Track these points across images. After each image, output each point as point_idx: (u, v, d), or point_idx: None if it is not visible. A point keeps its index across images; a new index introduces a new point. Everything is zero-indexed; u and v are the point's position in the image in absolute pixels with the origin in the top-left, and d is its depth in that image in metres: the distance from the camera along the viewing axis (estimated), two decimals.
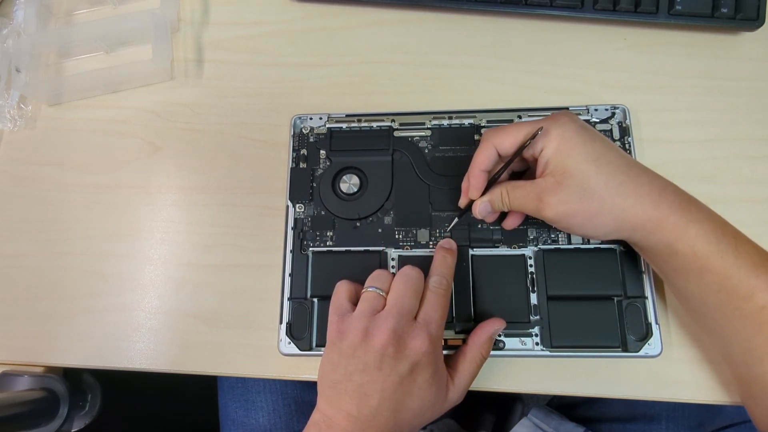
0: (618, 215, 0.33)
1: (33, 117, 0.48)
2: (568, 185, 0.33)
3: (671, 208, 0.32)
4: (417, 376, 0.32)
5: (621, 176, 0.33)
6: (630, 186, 0.32)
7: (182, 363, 0.41)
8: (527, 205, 0.35)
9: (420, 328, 0.33)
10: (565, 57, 0.46)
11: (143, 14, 0.47)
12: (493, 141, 0.35)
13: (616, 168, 0.33)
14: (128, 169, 0.46)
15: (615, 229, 0.33)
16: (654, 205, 0.32)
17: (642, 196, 0.32)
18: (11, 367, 0.43)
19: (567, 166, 0.33)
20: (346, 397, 0.32)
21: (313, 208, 0.42)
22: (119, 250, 0.44)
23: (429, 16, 0.48)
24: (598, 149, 0.33)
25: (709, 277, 0.32)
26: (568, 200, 0.33)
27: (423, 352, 0.32)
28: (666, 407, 0.50)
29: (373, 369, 0.32)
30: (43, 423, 0.42)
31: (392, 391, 0.32)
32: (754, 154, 0.42)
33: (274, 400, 0.52)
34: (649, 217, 0.32)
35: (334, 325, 0.34)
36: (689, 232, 0.32)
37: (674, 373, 0.38)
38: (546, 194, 0.33)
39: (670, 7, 0.43)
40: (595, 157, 0.33)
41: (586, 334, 0.37)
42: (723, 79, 0.44)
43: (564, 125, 0.33)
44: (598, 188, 0.32)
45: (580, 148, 0.33)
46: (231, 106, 0.47)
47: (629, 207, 0.32)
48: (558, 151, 0.33)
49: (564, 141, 0.33)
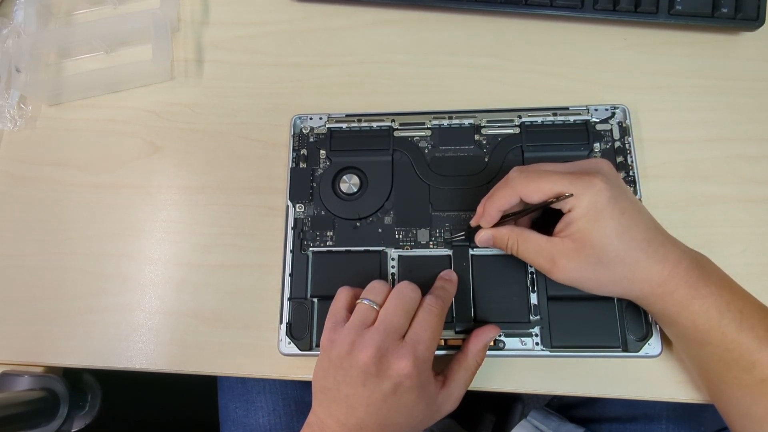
0: (626, 287, 0.33)
1: (33, 117, 0.48)
2: (586, 255, 0.32)
3: (678, 283, 0.32)
4: (401, 397, 0.32)
5: (640, 253, 0.32)
6: (645, 263, 0.32)
7: (182, 363, 0.41)
8: (537, 262, 0.34)
9: (406, 348, 0.32)
10: (565, 57, 0.46)
11: (143, 14, 0.47)
12: (520, 191, 0.33)
13: (638, 244, 0.32)
14: (128, 169, 0.46)
15: (621, 295, 0.35)
16: (662, 280, 0.32)
17: (653, 273, 0.32)
18: (11, 367, 0.43)
19: (591, 235, 0.32)
20: (335, 404, 0.33)
21: (313, 208, 0.42)
22: (119, 250, 0.44)
23: (429, 16, 0.48)
24: (625, 223, 0.32)
25: (709, 349, 0.32)
26: (583, 269, 0.33)
27: (405, 374, 0.31)
28: (666, 407, 0.50)
29: (358, 384, 0.32)
30: (43, 423, 0.42)
31: (377, 407, 0.32)
32: (754, 154, 0.42)
33: (274, 401, 0.52)
34: (653, 291, 0.33)
35: (327, 332, 0.34)
36: (692, 307, 0.32)
37: (674, 373, 0.38)
38: (560, 257, 0.33)
39: (670, 7, 0.43)
40: (621, 231, 0.32)
41: (586, 334, 0.37)
42: (723, 79, 0.44)
43: (599, 194, 0.32)
44: (615, 262, 0.32)
45: (608, 222, 0.32)
46: (231, 106, 0.47)
47: (638, 281, 0.33)
48: (586, 218, 0.32)
49: (594, 210, 0.32)
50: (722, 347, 0.32)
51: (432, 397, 0.34)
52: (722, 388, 0.33)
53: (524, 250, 0.35)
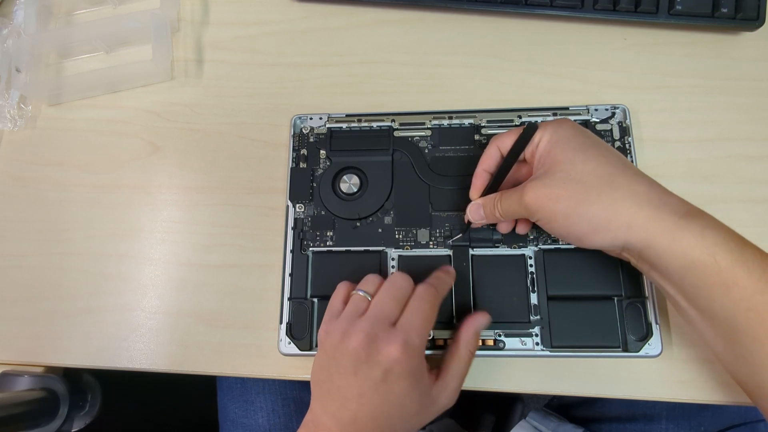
0: (608, 206, 0.30)
1: (33, 117, 0.48)
2: (554, 171, 0.32)
3: (676, 210, 0.29)
4: (393, 385, 0.31)
5: (611, 168, 0.31)
6: (622, 179, 0.30)
7: (182, 363, 0.41)
8: (513, 202, 0.34)
9: (396, 334, 0.31)
10: (565, 57, 0.46)
11: (143, 14, 0.47)
12: (497, 142, 0.36)
13: (607, 161, 0.31)
14: (128, 169, 0.46)
15: (604, 223, 0.30)
16: (654, 206, 0.29)
17: (638, 193, 0.29)
18: (11, 367, 0.43)
19: (555, 154, 0.32)
20: (329, 398, 0.32)
21: (313, 208, 0.42)
22: (119, 250, 0.44)
23: (429, 16, 0.48)
24: (588, 142, 0.32)
25: (736, 292, 0.27)
26: (551, 184, 0.31)
27: (395, 359, 0.31)
28: (666, 407, 0.50)
29: (349, 373, 0.31)
30: (43, 423, 0.42)
31: (369, 397, 0.31)
32: (754, 154, 0.42)
33: (274, 401, 0.52)
34: (648, 215, 0.29)
35: (323, 325, 0.34)
36: (705, 239, 0.28)
37: (674, 373, 0.38)
38: (531, 181, 0.33)
39: (670, 7, 0.43)
40: (585, 147, 0.32)
41: (586, 334, 0.37)
42: (723, 79, 0.44)
43: (561, 124, 0.34)
44: (584, 174, 0.30)
45: (571, 140, 0.32)
46: (231, 106, 0.47)
47: (620, 199, 0.29)
48: (551, 142, 0.33)
49: (556, 134, 0.33)
50: (752, 288, 0.27)
51: (426, 389, 0.33)
52: (754, 349, 0.28)
53: (505, 200, 0.34)
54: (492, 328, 0.38)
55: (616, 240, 0.31)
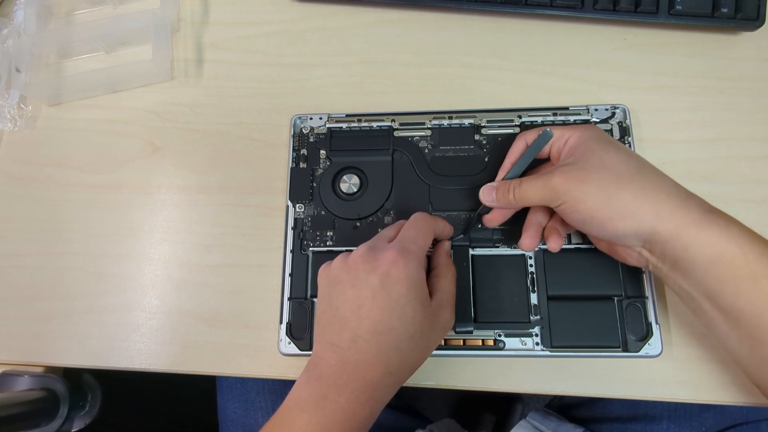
0: (638, 192, 0.30)
1: (33, 117, 0.48)
2: (587, 158, 0.32)
3: (701, 204, 0.29)
4: (390, 289, 0.30)
5: (640, 162, 0.32)
6: (650, 172, 0.31)
7: (182, 363, 0.41)
8: (537, 184, 0.33)
9: (392, 244, 0.33)
10: (565, 57, 0.46)
11: (143, 14, 0.47)
12: (524, 136, 0.37)
13: (636, 157, 0.33)
14: (128, 169, 0.46)
15: (633, 208, 0.30)
16: (681, 197, 0.30)
17: (666, 185, 0.30)
18: (11, 367, 0.43)
19: (587, 145, 0.33)
20: (329, 329, 0.32)
21: (313, 208, 0.42)
22: (119, 250, 0.44)
23: (429, 16, 0.48)
24: (617, 143, 0.34)
25: (765, 284, 0.27)
26: (583, 167, 0.32)
27: (391, 261, 0.31)
28: (667, 407, 0.50)
29: (348, 288, 0.31)
30: (43, 423, 0.42)
31: (368, 308, 0.30)
32: (754, 154, 0.42)
33: (273, 401, 0.52)
34: (677, 205, 0.29)
35: (321, 270, 0.35)
36: (731, 231, 0.28)
37: (675, 373, 0.38)
38: (562, 166, 0.33)
39: (670, 7, 0.43)
40: (615, 145, 0.33)
41: (586, 334, 0.37)
42: (723, 79, 0.44)
43: (590, 125, 0.35)
44: (616, 162, 0.31)
45: (602, 137, 0.34)
46: (231, 106, 0.47)
47: (650, 188, 0.30)
48: (582, 137, 0.34)
49: (587, 131, 0.34)
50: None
51: (425, 299, 0.32)
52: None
53: (526, 183, 0.34)
54: (492, 328, 0.38)
55: (641, 227, 0.30)
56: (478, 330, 0.38)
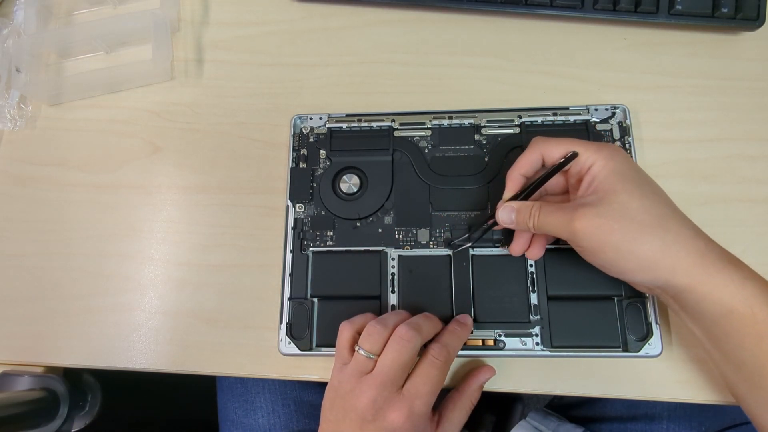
0: (658, 248, 0.30)
1: (33, 117, 0.48)
2: (609, 201, 0.31)
3: (720, 259, 0.29)
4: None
5: (664, 209, 0.31)
6: (673, 223, 0.30)
7: (182, 363, 0.41)
8: (558, 220, 0.32)
9: (402, 401, 0.32)
10: (565, 57, 0.46)
11: (143, 14, 0.47)
12: (542, 148, 0.35)
13: (660, 200, 0.32)
14: (128, 169, 0.46)
15: (652, 263, 0.30)
16: (700, 253, 0.30)
17: (687, 238, 0.30)
18: (11, 367, 0.43)
19: (614, 183, 0.31)
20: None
21: (313, 208, 0.42)
22: (119, 250, 0.44)
23: (429, 16, 0.48)
24: (644, 178, 0.32)
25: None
26: (606, 214, 0.31)
27: (399, 426, 0.31)
28: (667, 407, 0.50)
29: (355, 426, 0.32)
30: (43, 423, 0.42)
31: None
32: (754, 154, 0.42)
33: (273, 401, 0.52)
34: (694, 262, 0.30)
35: (334, 371, 0.35)
36: (745, 289, 0.29)
37: (674, 373, 0.38)
38: (583, 207, 0.31)
39: (670, 7, 0.43)
40: (641, 182, 0.32)
41: (586, 334, 0.37)
42: (723, 79, 0.44)
43: (616, 151, 0.33)
44: (640, 211, 0.30)
45: (628, 171, 0.32)
46: (231, 106, 0.47)
47: (671, 242, 0.30)
48: (607, 168, 0.32)
49: (615, 161, 0.32)
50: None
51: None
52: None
53: (544, 214, 0.33)
54: (492, 328, 0.38)
55: (657, 280, 0.31)
56: (478, 330, 0.38)
